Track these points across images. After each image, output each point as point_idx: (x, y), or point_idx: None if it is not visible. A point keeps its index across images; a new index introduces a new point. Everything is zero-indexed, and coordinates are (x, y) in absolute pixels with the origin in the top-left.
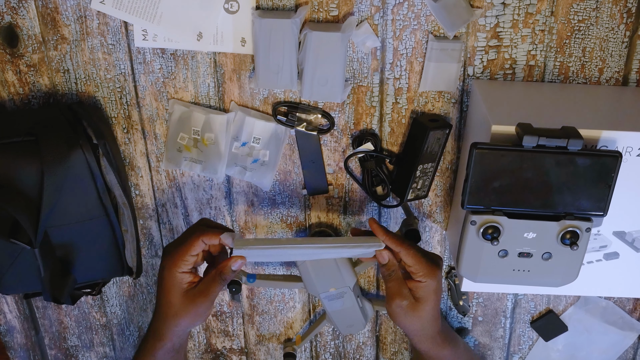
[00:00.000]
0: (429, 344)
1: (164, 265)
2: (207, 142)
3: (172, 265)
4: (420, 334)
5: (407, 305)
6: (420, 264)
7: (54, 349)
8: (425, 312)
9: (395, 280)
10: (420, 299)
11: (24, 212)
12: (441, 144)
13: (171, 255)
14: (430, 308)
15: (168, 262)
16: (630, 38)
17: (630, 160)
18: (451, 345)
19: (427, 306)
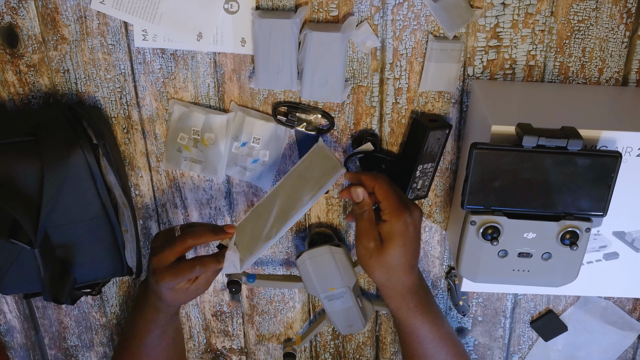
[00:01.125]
0: (397, 301)
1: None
2: (207, 142)
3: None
4: (388, 285)
5: (373, 247)
6: (389, 200)
7: (54, 349)
8: (390, 256)
9: (366, 221)
10: (386, 240)
11: (24, 212)
12: (441, 144)
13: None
14: (396, 253)
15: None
16: (630, 38)
17: (630, 160)
18: (428, 318)
19: (392, 250)
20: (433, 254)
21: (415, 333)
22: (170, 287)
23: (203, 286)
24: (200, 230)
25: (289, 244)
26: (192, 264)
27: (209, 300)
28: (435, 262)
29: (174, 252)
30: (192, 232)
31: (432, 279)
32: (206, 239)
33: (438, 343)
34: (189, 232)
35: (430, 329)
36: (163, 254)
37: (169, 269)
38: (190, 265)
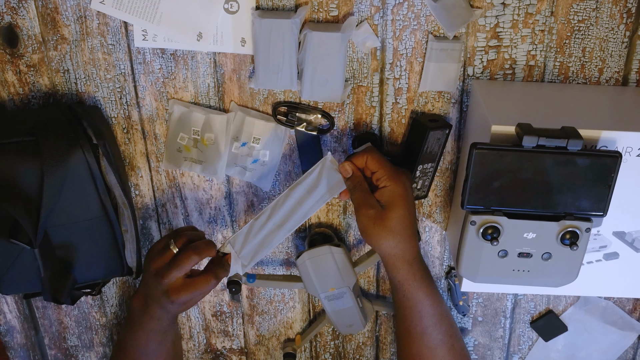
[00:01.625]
0: (405, 271)
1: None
2: (207, 142)
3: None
4: (395, 253)
5: (374, 213)
6: (384, 168)
7: (54, 349)
8: (394, 220)
9: (360, 192)
10: (387, 204)
11: (24, 212)
12: (441, 144)
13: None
14: (400, 216)
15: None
16: (630, 38)
17: (630, 160)
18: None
19: (395, 213)
20: (433, 254)
21: (417, 307)
22: (184, 301)
23: (208, 294)
24: (202, 245)
25: (289, 244)
26: (207, 278)
27: (209, 300)
28: (435, 262)
29: (183, 269)
30: (195, 248)
31: None
32: (207, 253)
33: (437, 320)
34: (193, 249)
35: (431, 304)
36: (172, 274)
37: (184, 287)
38: (205, 279)
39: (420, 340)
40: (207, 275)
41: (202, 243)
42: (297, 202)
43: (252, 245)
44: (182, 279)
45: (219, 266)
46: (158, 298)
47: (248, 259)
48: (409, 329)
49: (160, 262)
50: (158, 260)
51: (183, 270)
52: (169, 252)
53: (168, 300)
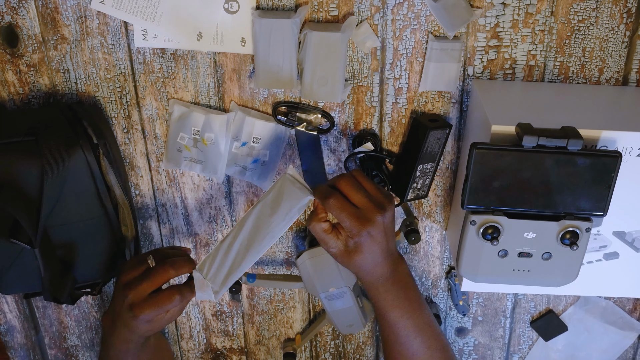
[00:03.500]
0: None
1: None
2: (207, 142)
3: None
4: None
5: (335, 252)
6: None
7: (54, 349)
8: (355, 261)
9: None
10: (351, 251)
11: (24, 212)
12: (441, 144)
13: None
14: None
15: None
16: (630, 38)
17: (630, 160)
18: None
19: (356, 257)
20: (433, 254)
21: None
22: (148, 319)
23: (177, 314)
24: (180, 261)
25: (289, 244)
26: (171, 294)
27: (209, 300)
28: (435, 262)
29: (152, 284)
30: (173, 262)
31: (432, 279)
32: (185, 270)
33: (412, 332)
34: (170, 264)
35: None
36: (141, 287)
37: (147, 301)
38: (169, 295)
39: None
40: (172, 291)
41: (183, 259)
42: (259, 221)
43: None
44: (148, 294)
45: (186, 285)
46: (123, 315)
47: (219, 284)
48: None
49: (132, 274)
50: (130, 273)
51: (153, 284)
52: (143, 266)
53: (132, 316)
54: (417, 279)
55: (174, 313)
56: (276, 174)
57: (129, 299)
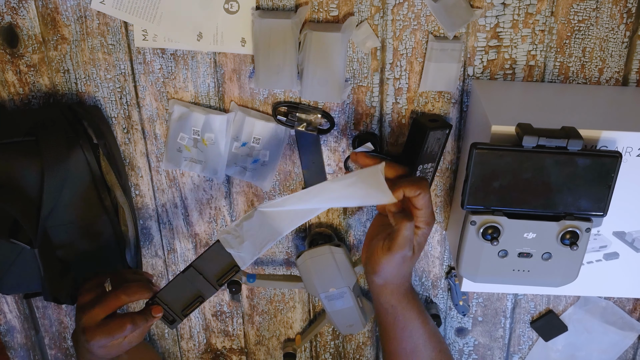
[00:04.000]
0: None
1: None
2: (207, 142)
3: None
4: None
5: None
6: (428, 209)
7: (54, 349)
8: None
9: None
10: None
11: (24, 212)
12: (441, 144)
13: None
14: (417, 257)
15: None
16: (630, 38)
17: (630, 160)
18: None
19: (416, 256)
20: (433, 254)
21: (408, 327)
22: (100, 345)
23: (136, 339)
24: (135, 287)
25: (289, 244)
26: (122, 323)
27: (209, 300)
28: (435, 262)
29: (105, 309)
30: (126, 288)
31: (432, 279)
32: (140, 296)
33: (427, 338)
34: (124, 289)
35: (421, 324)
36: (94, 311)
37: (100, 327)
38: (120, 324)
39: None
40: (124, 320)
41: (138, 285)
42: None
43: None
44: (101, 319)
45: (140, 313)
46: (79, 337)
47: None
48: (399, 348)
49: (88, 297)
50: (86, 295)
51: (105, 310)
52: (101, 289)
53: (85, 340)
54: (417, 279)
55: (131, 339)
56: (276, 174)
57: (82, 323)
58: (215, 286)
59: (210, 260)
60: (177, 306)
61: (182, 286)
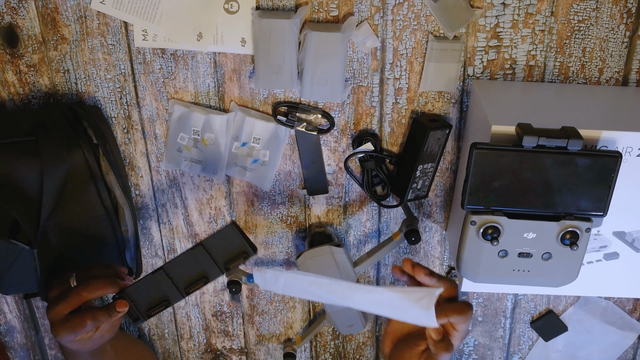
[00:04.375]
0: None
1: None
2: (207, 142)
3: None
4: None
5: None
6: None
7: (54, 349)
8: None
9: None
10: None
11: (24, 212)
12: (441, 144)
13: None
14: None
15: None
16: (630, 38)
17: (630, 160)
18: None
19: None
20: (433, 254)
21: None
22: (69, 340)
23: (108, 332)
24: (96, 283)
25: (289, 244)
26: (82, 319)
27: (209, 300)
28: (435, 262)
29: (68, 305)
30: (87, 285)
31: None
32: (102, 292)
33: None
34: (85, 285)
35: None
36: (57, 308)
37: (63, 323)
38: (80, 320)
39: None
40: (84, 316)
41: (99, 282)
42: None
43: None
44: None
45: (102, 308)
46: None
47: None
48: None
49: (54, 292)
50: (54, 291)
51: (69, 306)
52: (65, 285)
53: (53, 335)
54: None
55: (103, 332)
56: (276, 174)
57: (49, 318)
58: (222, 269)
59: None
60: (143, 304)
61: (154, 285)
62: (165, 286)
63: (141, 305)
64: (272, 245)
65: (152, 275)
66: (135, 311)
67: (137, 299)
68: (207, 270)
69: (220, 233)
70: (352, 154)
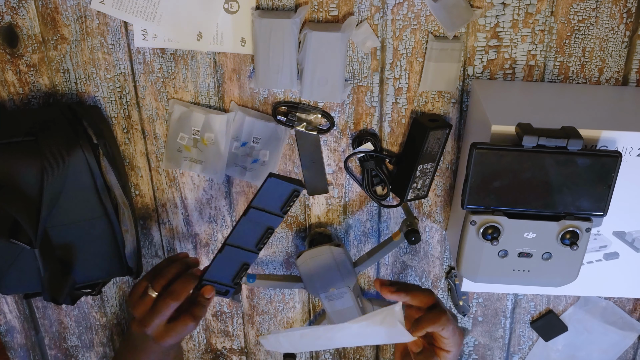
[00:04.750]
0: None
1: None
2: (207, 142)
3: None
4: None
5: None
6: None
7: (54, 349)
8: None
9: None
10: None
11: (24, 212)
12: (441, 144)
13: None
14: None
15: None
16: (630, 38)
17: (630, 160)
18: None
19: None
20: (433, 254)
21: None
22: (174, 343)
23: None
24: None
25: (289, 244)
26: (184, 322)
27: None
28: (435, 262)
29: (162, 317)
30: (170, 292)
31: (432, 279)
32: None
33: None
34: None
35: None
36: (154, 323)
37: (167, 332)
38: (183, 324)
39: None
40: (185, 318)
41: (179, 285)
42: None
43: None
44: (164, 326)
45: (195, 305)
46: (148, 343)
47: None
48: None
49: (142, 309)
50: (139, 308)
51: (165, 317)
52: (148, 298)
53: (155, 344)
54: (417, 279)
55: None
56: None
57: (149, 334)
58: (281, 215)
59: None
60: (226, 278)
61: (226, 260)
62: (237, 255)
63: (224, 279)
64: (272, 245)
65: (220, 254)
66: (222, 287)
67: (217, 276)
68: (268, 224)
69: (265, 189)
70: (352, 153)
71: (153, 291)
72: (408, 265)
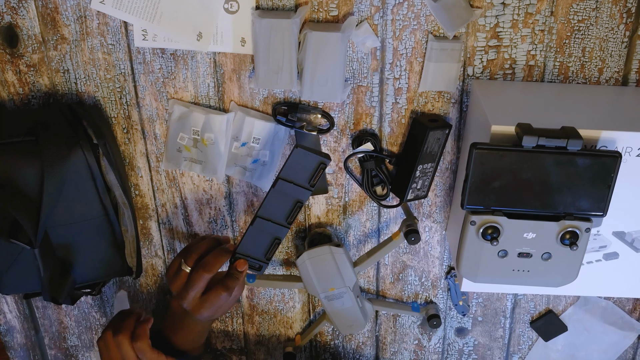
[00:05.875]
0: None
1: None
2: (206, 142)
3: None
4: None
5: None
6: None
7: (54, 349)
8: None
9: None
10: None
11: (24, 212)
12: (441, 144)
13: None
14: None
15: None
16: (630, 38)
17: (630, 160)
18: None
19: None
20: (433, 254)
21: None
22: (208, 316)
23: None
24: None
25: (288, 244)
26: (217, 294)
27: None
28: (435, 262)
29: (198, 290)
30: (204, 265)
31: (432, 279)
32: (219, 264)
33: None
34: (202, 266)
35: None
36: (189, 295)
37: (201, 304)
38: (216, 295)
39: None
40: (217, 290)
41: (211, 257)
42: None
43: None
44: (200, 298)
45: (228, 276)
46: (187, 318)
47: None
48: None
49: (178, 284)
50: (176, 283)
51: (199, 289)
52: (182, 273)
53: (195, 318)
54: (417, 279)
55: (236, 293)
56: (276, 174)
57: (185, 307)
58: (309, 188)
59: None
60: (259, 252)
61: (258, 233)
62: (268, 228)
63: (257, 254)
64: None
65: (251, 226)
66: (255, 262)
67: (250, 250)
68: (297, 197)
69: (292, 159)
70: (352, 154)
71: (186, 266)
72: (408, 265)
